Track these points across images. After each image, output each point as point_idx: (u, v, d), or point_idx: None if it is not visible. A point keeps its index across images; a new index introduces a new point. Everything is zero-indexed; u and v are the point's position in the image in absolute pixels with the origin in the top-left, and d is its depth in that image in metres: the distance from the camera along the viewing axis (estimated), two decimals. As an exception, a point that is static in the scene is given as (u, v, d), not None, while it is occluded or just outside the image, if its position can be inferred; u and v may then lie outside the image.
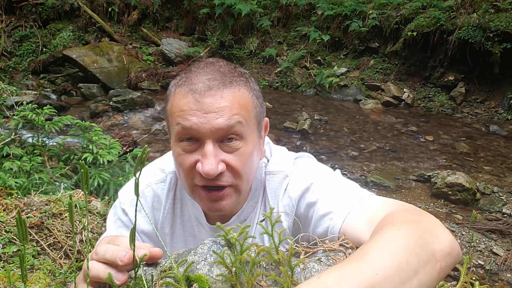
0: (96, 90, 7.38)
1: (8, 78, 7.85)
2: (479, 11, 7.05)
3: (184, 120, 0.84)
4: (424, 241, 0.65)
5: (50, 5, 8.51)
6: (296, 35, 8.83)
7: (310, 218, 0.92)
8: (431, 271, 0.63)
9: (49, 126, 3.28)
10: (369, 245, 0.64)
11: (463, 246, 3.54)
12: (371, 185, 4.61)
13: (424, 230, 0.68)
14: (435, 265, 0.64)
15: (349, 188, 0.92)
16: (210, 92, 0.84)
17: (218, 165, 0.85)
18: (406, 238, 0.64)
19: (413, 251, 0.62)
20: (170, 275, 0.63)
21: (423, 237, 0.66)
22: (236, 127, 0.85)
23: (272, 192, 1.00)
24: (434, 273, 0.64)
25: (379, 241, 0.65)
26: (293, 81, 8.17)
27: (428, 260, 0.63)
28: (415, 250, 0.62)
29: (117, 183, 3.11)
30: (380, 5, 8.14)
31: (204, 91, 0.84)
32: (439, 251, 0.65)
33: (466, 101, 7.29)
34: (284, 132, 6.01)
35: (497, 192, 4.48)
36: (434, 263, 0.64)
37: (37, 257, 2.15)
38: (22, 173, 2.99)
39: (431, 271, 0.63)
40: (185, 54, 8.51)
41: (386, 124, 6.58)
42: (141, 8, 8.96)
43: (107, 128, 5.87)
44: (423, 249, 0.64)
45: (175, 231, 1.06)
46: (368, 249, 0.62)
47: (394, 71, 7.89)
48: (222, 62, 0.92)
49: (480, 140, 6.05)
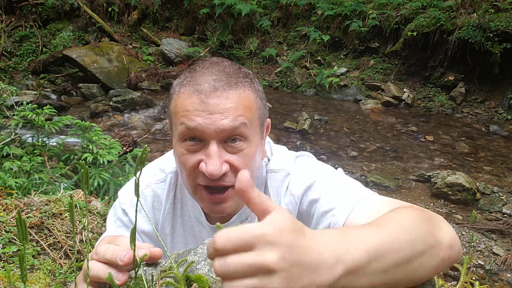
0: (96, 90, 7.38)
1: (8, 78, 7.85)
2: (479, 11, 7.05)
3: (189, 120, 0.84)
4: (431, 228, 0.68)
5: (50, 5, 8.51)
6: (296, 35, 8.82)
7: (312, 215, 0.92)
8: (435, 258, 0.66)
9: (49, 126, 3.28)
10: (384, 218, 0.67)
11: (463, 246, 3.54)
12: (371, 185, 4.61)
13: (432, 220, 0.71)
14: (438, 253, 0.66)
15: (351, 186, 0.93)
16: (215, 93, 0.84)
17: (222, 166, 0.85)
18: (419, 221, 0.68)
19: (423, 233, 0.66)
20: (170, 275, 0.63)
21: (432, 225, 0.69)
22: (240, 129, 0.85)
23: (274, 190, 1.00)
24: (436, 260, 0.66)
25: (395, 216, 0.68)
26: (293, 81, 8.17)
27: (433, 246, 0.66)
28: (425, 233, 0.66)
29: (117, 183, 3.10)
30: (380, 5, 8.14)
31: (210, 92, 0.84)
32: (444, 241, 0.68)
33: (466, 101, 7.29)
34: (284, 132, 6.01)
35: (497, 192, 4.48)
36: (438, 250, 0.66)
37: (37, 257, 2.15)
38: (22, 173, 2.98)
39: (434, 257, 0.66)
40: (185, 54, 8.51)
41: (386, 124, 6.58)
42: (141, 8, 8.96)
43: (107, 128, 5.87)
44: (431, 233, 0.67)
45: (175, 231, 1.06)
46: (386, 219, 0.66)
47: (394, 71, 7.89)
48: (227, 62, 0.91)
49: (480, 140, 6.05)
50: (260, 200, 0.50)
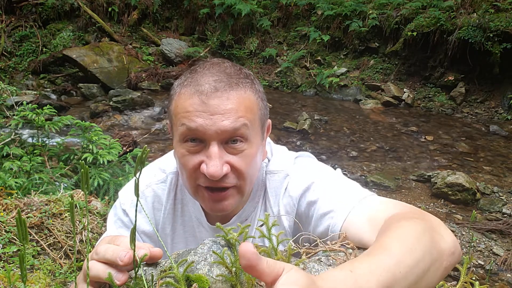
0: (96, 90, 7.38)
1: (8, 78, 7.85)
2: (479, 11, 7.05)
3: (190, 121, 0.84)
4: (434, 239, 0.66)
5: (50, 5, 8.51)
6: (296, 35, 8.82)
7: (310, 217, 0.92)
8: (438, 270, 0.65)
9: (49, 126, 3.28)
10: (388, 238, 0.65)
11: (463, 246, 3.54)
12: (371, 185, 4.61)
13: (432, 229, 0.69)
14: (442, 264, 0.65)
15: (350, 188, 0.92)
16: (216, 94, 0.83)
17: (223, 167, 0.84)
18: (421, 235, 0.65)
19: (428, 248, 0.64)
20: (170, 275, 0.63)
21: (433, 235, 0.67)
22: (241, 130, 0.85)
23: (273, 192, 1.00)
24: (440, 271, 0.65)
25: (398, 233, 0.66)
26: (293, 81, 8.17)
27: (437, 258, 0.65)
28: (429, 248, 0.64)
29: (117, 183, 3.10)
30: (380, 5, 8.14)
31: (211, 93, 0.83)
32: (446, 250, 0.67)
33: (466, 101, 7.29)
34: (284, 132, 6.01)
35: (497, 192, 4.48)
36: (441, 262, 0.65)
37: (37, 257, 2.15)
38: (22, 173, 2.98)
39: (438, 269, 0.64)
40: (185, 54, 8.51)
41: (386, 124, 6.58)
42: (141, 8, 8.96)
43: (107, 128, 5.87)
44: (434, 247, 0.65)
45: (176, 232, 1.06)
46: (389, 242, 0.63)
47: (394, 71, 7.89)
48: (228, 63, 0.91)
49: (480, 140, 6.05)
50: (270, 269, 0.50)
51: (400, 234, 0.65)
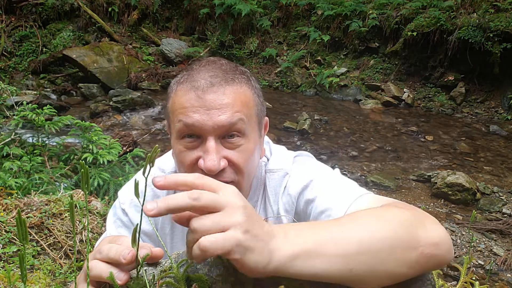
0: (96, 90, 7.38)
1: (8, 78, 7.85)
2: (479, 11, 7.05)
3: (186, 117, 0.84)
4: (412, 225, 0.67)
5: (50, 5, 8.51)
6: (296, 35, 8.82)
7: (309, 214, 0.93)
8: (410, 252, 0.64)
9: (49, 126, 3.28)
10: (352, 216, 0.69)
11: (463, 246, 3.54)
12: (371, 185, 4.61)
13: (414, 217, 0.70)
14: (416, 248, 0.65)
15: (347, 186, 0.93)
16: (212, 89, 0.84)
17: (220, 161, 0.85)
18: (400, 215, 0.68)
19: (398, 228, 0.66)
20: (170, 275, 0.63)
21: (413, 223, 0.68)
22: (238, 124, 0.85)
23: (272, 190, 1.00)
24: (414, 255, 0.65)
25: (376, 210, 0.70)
26: (293, 81, 8.17)
27: (408, 240, 0.65)
28: (400, 227, 0.66)
29: (117, 183, 3.11)
30: (380, 5, 8.14)
31: (206, 88, 0.84)
32: (423, 237, 0.67)
33: (466, 101, 7.29)
34: (284, 132, 6.01)
35: (497, 192, 4.48)
36: (415, 246, 0.65)
37: (37, 257, 2.15)
38: (22, 173, 2.99)
39: (409, 251, 0.64)
40: (185, 54, 8.51)
41: (386, 124, 6.58)
42: (141, 8, 8.96)
43: (107, 128, 5.87)
44: (409, 231, 0.66)
45: (175, 231, 1.06)
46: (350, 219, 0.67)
47: (394, 71, 7.89)
48: (224, 61, 0.92)
49: (480, 140, 6.05)
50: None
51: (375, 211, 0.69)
